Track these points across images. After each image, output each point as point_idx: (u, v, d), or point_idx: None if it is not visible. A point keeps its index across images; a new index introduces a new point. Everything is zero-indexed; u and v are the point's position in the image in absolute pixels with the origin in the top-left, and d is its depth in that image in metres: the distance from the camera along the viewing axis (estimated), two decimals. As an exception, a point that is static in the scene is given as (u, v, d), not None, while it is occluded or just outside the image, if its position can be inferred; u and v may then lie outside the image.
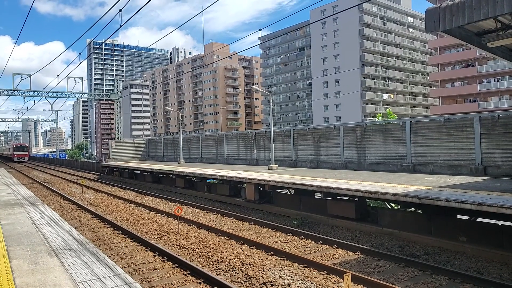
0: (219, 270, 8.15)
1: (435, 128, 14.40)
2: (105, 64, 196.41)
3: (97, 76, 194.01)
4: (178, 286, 7.34)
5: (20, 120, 72.17)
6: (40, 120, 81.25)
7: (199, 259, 8.98)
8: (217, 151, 27.24)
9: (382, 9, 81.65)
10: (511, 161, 12.30)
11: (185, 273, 7.98)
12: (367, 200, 12.27)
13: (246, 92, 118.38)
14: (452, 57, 62.27)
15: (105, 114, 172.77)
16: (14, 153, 71.48)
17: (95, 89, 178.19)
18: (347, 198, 12.19)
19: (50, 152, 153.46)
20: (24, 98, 38.65)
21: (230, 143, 26.00)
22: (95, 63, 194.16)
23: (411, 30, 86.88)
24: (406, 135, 15.21)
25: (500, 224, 8.98)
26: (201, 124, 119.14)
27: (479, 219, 9.46)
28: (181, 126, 32.36)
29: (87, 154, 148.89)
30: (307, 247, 9.88)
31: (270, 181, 14.53)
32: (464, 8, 7.23)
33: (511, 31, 7.88)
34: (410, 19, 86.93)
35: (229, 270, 8.04)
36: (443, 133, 14.11)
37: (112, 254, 9.47)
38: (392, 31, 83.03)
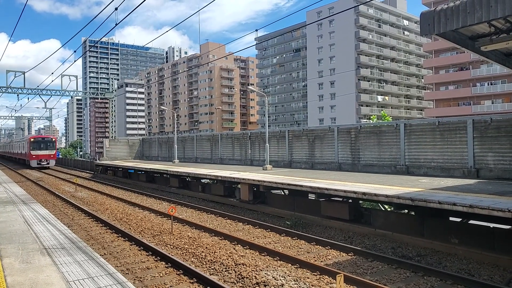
0: (212, 270, 8.14)
1: (428, 131, 14.51)
2: (100, 62, 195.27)
3: (92, 75, 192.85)
4: (171, 286, 7.32)
5: (13, 117, 71.47)
6: (34, 118, 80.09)
7: (192, 259, 8.96)
8: (212, 151, 27.20)
9: (378, 12, 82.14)
10: (503, 164, 12.43)
11: (178, 273, 7.96)
12: (360, 202, 12.33)
13: (242, 92, 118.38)
14: (447, 60, 62.79)
15: (100, 113, 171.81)
16: (32, 152, 43.17)
17: (90, 88, 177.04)
18: (340, 199, 12.24)
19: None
20: (17, 95, 38.33)
21: (225, 143, 25.98)
22: (90, 62, 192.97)
23: (406, 33, 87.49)
24: (400, 137, 15.31)
25: (491, 226, 9.07)
26: (196, 124, 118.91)
27: (471, 221, 9.55)
28: (176, 126, 32.27)
29: (81, 153, 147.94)
30: (300, 248, 9.90)
31: (264, 181, 14.54)
32: (459, 12, 7.30)
33: (505, 35, 7.97)
34: (406, 22, 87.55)
35: (222, 270, 8.04)
36: (436, 135, 14.22)
37: (104, 253, 9.42)
38: (387, 34, 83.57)
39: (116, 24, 15.08)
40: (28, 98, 44.05)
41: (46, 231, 8.13)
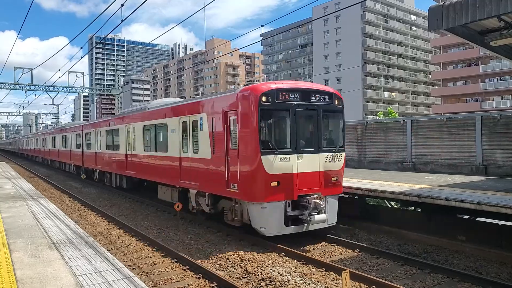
0: (218, 265, 8.17)
1: (436, 127, 14.39)
2: (106, 59, 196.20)
3: (98, 71, 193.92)
4: (177, 281, 7.37)
5: (21, 114, 72.00)
6: (41, 115, 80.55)
7: (198, 254, 9.01)
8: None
9: (385, 7, 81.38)
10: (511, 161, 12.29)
11: (184, 268, 8.00)
12: (366, 198, 12.28)
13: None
14: (455, 56, 62.12)
15: (106, 109, 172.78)
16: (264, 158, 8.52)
17: (96, 84, 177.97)
18: (347, 196, 12.19)
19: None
20: (25, 92, 38.55)
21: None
22: (96, 58, 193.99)
23: (413, 28, 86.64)
24: (407, 133, 15.20)
25: (499, 223, 8.99)
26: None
27: (479, 219, 9.47)
28: (182, 122, 32.34)
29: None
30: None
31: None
32: (468, 6, 7.20)
33: (514, 30, 7.85)
34: (413, 17, 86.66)
35: (228, 266, 8.07)
36: (444, 132, 14.10)
37: (112, 248, 9.50)
38: (394, 29, 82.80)
39: (122, 21, 15.08)
40: (35, 95, 44.35)
41: (54, 226, 8.22)
